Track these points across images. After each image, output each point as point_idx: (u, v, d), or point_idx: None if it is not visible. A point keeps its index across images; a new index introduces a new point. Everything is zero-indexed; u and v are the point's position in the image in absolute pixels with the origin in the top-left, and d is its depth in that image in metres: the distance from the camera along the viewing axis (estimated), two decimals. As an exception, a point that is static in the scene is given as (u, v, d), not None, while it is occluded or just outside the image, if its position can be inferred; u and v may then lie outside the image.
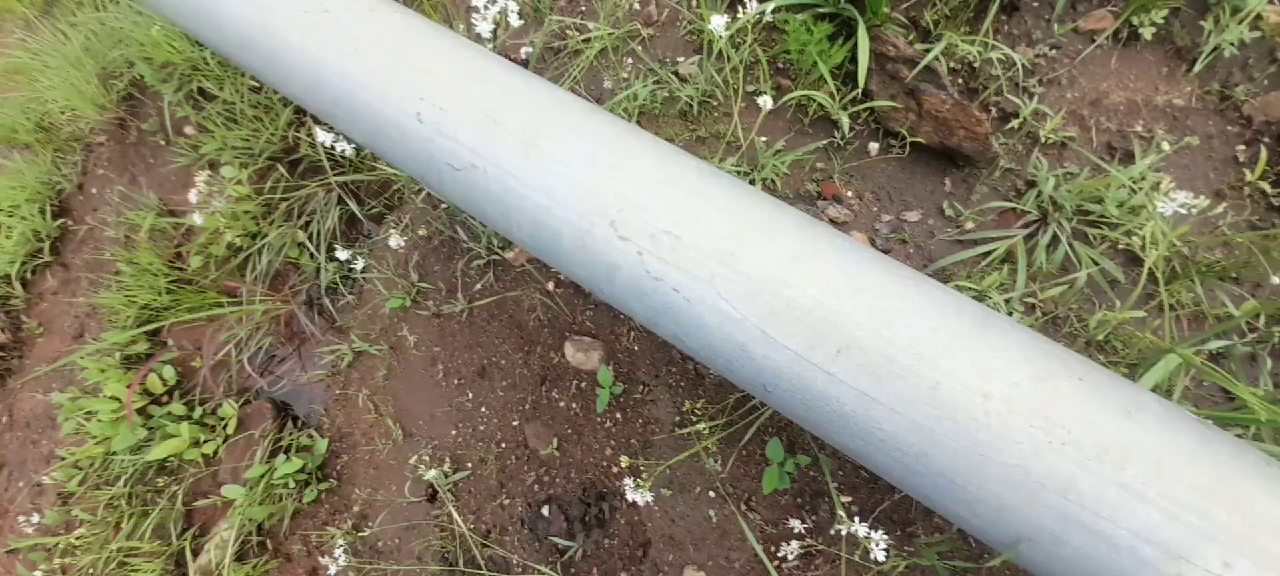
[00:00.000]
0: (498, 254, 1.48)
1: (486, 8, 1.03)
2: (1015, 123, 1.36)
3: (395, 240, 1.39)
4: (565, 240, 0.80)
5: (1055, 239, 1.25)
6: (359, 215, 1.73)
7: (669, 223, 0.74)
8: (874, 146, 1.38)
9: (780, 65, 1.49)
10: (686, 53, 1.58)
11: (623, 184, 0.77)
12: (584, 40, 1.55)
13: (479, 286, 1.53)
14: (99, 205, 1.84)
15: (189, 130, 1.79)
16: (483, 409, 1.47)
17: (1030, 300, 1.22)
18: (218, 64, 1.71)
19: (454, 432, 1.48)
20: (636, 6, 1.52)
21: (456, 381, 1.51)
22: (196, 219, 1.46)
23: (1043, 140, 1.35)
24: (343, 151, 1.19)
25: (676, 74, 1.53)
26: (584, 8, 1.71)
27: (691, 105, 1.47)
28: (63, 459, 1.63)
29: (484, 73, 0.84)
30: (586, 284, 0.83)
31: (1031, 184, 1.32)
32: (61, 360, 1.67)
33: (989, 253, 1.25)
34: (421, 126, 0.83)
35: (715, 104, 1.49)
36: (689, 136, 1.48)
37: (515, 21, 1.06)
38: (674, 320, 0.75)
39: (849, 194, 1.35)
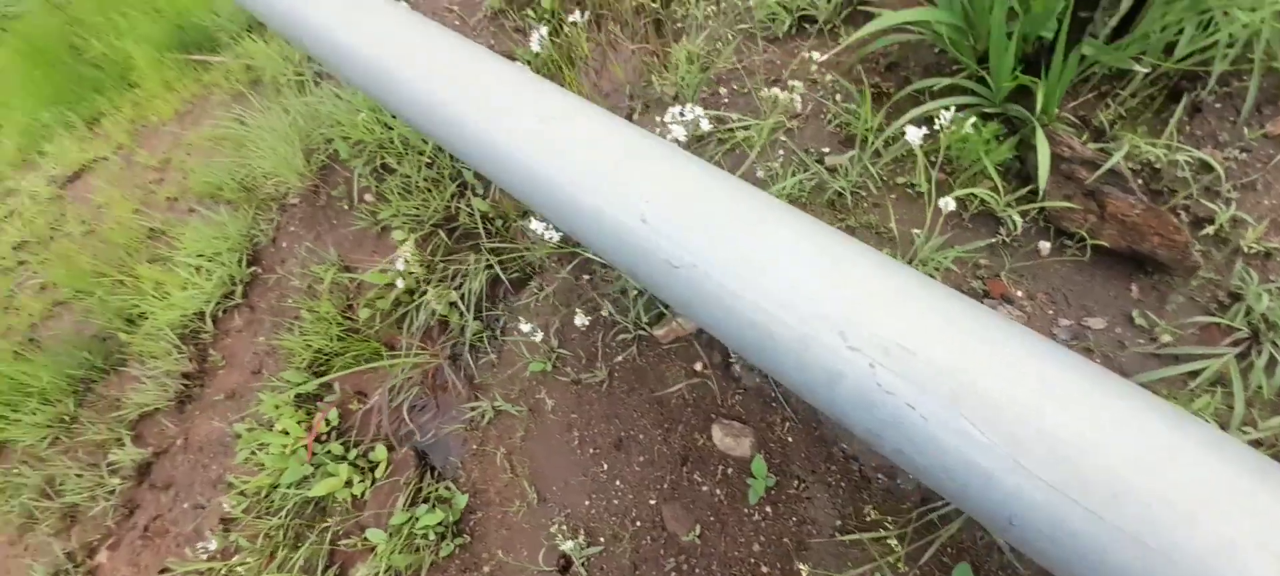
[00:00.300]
0: (644, 330, 1.54)
1: (683, 114, 1.12)
2: (1210, 229, 1.27)
3: (580, 319, 1.48)
4: (781, 343, 0.82)
5: (1273, 361, 1.12)
6: (503, 278, 1.87)
7: (902, 335, 0.74)
8: (1045, 245, 1.33)
9: (933, 159, 1.49)
10: (832, 144, 1.62)
11: (847, 292, 0.79)
12: (736, 131, 1.64)
13: (620, 359, 1.58)
14: (288, 258, 2.12)
15: (368, 198, 2.04)
16: (617, 482, 1.48)
17: (1249, 431, 1.09)
18: (401, 142, 1.96)
19: (587, 503, 1.49)
20: (798, 107, 1.60)
21: (592, 450, 1.54)
22: (399, 284, 1.64)
23: (1245, 250, 1.24)
24: (548, 236, 1.31)
25: (823, 165, 1.57)
26: (726, 100, 1.82)
27: (842, 195, 1.49)
28: (232, 485, 1.79)
29: (705, 179, 0.91)
30: (797, 387, 0.84)
31: (1236, 297, 1.21)
32: (247, 402, 1.87)
33: (1194, 371, 1.14)
34: (644, 226, 0.90)
35: (865, 195, 1.51)
36: (839, 226, 1.50)
37: (706, 126, 1.15)
38: (905, 436, 0.74)
39: (1020, 294, 1.30)
